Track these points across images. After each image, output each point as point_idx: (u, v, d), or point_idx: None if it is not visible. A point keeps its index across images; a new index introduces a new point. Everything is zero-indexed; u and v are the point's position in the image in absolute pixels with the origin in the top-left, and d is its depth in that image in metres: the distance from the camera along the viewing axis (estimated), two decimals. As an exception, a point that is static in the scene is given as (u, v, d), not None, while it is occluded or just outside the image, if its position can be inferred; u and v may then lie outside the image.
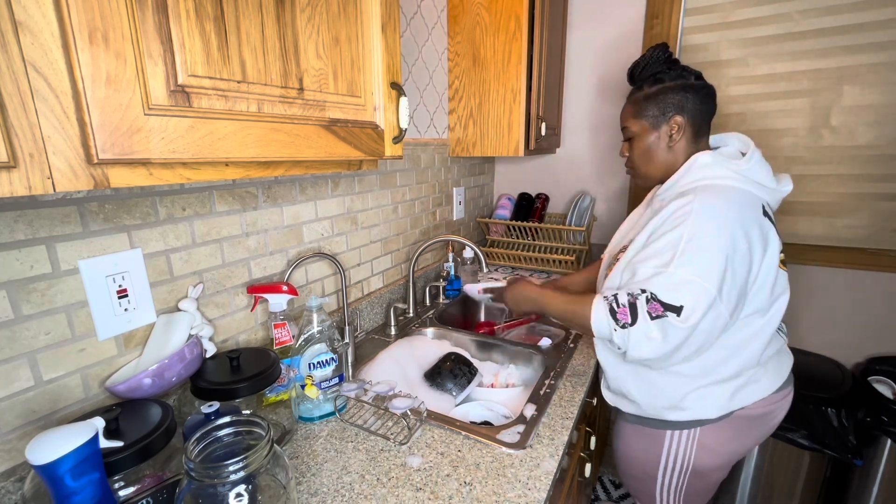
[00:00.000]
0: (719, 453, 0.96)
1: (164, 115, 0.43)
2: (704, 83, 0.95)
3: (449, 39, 1.55)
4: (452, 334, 1.29)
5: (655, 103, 0.94)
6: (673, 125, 0.93)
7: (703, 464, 0.97)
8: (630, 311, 0.83)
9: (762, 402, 0.93)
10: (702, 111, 0.93)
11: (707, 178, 0.89)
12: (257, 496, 0.52)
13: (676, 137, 0.94)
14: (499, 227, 1.93)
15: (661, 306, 0.80)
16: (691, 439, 0.95)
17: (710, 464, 0.97)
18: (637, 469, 1.06)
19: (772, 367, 0.95)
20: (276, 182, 0.95)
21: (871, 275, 1.50)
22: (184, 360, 0.70)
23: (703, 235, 0.80)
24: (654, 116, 0.95)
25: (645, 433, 1.00)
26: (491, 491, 0.68)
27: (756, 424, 0.96)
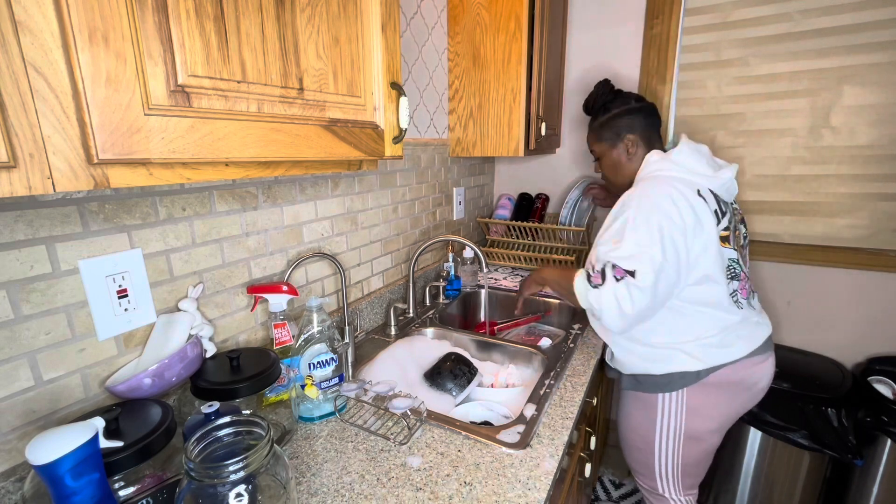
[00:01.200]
0: (709, 416, 1.10)
1: (164, 115, 0.43)
2: (644, 103, 1.18)
3: (449, 39, 1.55)
4: (452, 334, 1.29)
5: (609, 128, 1.19)
6: (627, 142, 1.16)
7: (694, 427, 1.10)
8: (601, 276, 1.01)
9: (736, 365, 1.06)
10: (647, 125, 1.16)
11: (654, 171, 1.08)
12: (257, 496, 0.52)
13: (633, 151, 1.16)
14: (499, 227, 1.93)
15: (623, 271, 0.97)
16: (680, 401, 1.09)
17: (702, 427, 1.11)
18: (637, 439, 1.19)
19: (744, 334, 1.07)
20: (276, 182, 0.95)
21: (871, 275, 1.50)
22: (184, 360, 0.70)
23: (643, 214, 0.98)
24: (611, 139, 1.19)
25: (641, 400, 1.15)
26: (491, 491, 0.68)
27: (738, 389, 1.09)
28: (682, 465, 1.15)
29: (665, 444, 1.14)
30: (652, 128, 1.16)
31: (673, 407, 1.10)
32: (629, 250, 0.97)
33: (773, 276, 1.63)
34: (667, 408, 1.11)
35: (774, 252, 1.60)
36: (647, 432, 1.15)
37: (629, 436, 1.22)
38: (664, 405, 1.11)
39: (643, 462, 1.20)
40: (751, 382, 1.09)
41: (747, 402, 1.13)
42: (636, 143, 1.15)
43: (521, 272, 1.81)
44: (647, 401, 1.13)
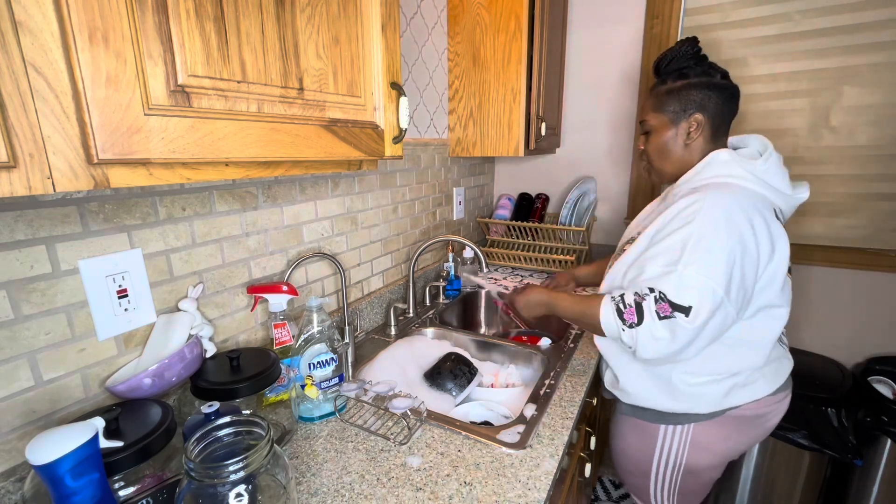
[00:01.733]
0: (713, 452, 0.97)
1: (164, 115, 0.43)
2: (729, 83, 0.93)
3: (449, 39, 1.55)
4: (452, 334, 1.29)
5: (677, 99, 0.94)
6: (692, 122, 0.93)
7: (695, 462, 0.98)
8: (636, 311, 0.83)
9: (755, 404, 0.94)
10: (723, 111, 0.93)
11: (722, 175, 0.88)
12: (257, 496, 0.52)
13: (694, 135, 0.93)
14: (499, 227, 1.93)
15: (670, 306, 0.80)
16: (684, 436, 0.96)
17: (703, 462, 0.98)
18: (632, 465, 1.07)
19: (769, 371, 0.94)
20: (276, 182, 0.95)
21: (871, 275, 1.50)
22: (184, 360, 0.70)
23: (712, 234, 0.80)
24: (675, 112, 0.94)
25: (639, 427, 1.01)
26: (491, 491, 0.68)
27: (750, 426, 0.97)
28: (679, 494, 1.05)
29: (661, 474, 1.02)
30: (726, 116, 0.94)
31: (675, 440, 0.97)
32: (690, 277, 0.79)
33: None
34: (668, 440, 0.97)
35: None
36: (642, 461, 1.03)
37: (623, 460, 1.11)
38: (665, 437, 0.97)
39: (638, 486, 1.10)
40: (765, 419, 0.97)
41: (756, 438, 1.02)
42: (700, 128, 0.92)
43: (521, 272, 1.81)
44: (646, 429, 1.00)
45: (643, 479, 1.06)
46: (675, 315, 0.80)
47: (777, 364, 0.96)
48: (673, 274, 0.80)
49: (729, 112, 0.94)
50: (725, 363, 0.90)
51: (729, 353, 0.89)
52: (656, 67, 1.00)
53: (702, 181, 0.90)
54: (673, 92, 0.94)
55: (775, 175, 0.89)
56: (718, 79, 0.92)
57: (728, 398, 0.92)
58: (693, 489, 1.05)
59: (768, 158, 0.89)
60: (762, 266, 0.84)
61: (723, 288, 0.79)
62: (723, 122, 0.94)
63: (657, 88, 0.98)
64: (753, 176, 0.87)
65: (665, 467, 1.01)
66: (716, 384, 0.91)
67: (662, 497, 1.06)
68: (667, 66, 0.97)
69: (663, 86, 0.96)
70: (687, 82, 0.93)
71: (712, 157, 0.91)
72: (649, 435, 1.00)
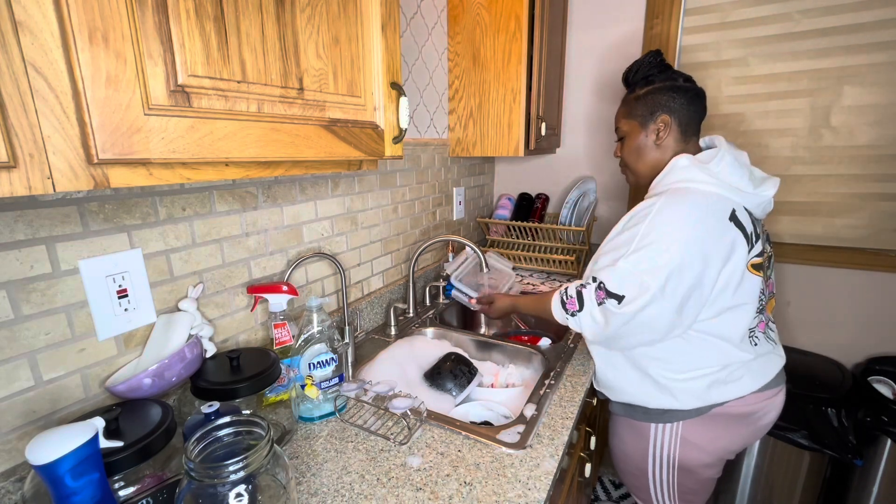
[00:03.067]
0: (705, 450, 0.99)
1: (164, 115, 0.43)
2: (693, 85, 1.00)
3: (449, 39, 1.55)
4: (452, 334, 1.29)
5: (644, 103, 1.00)
6: (660, 123, 0.99)
7: (688, 459, 1.01)
8: (577, 300, 0.94)
9: (741, 401, 0.95)
10: (689, 111, 0.98)
11: (683, 180, 0.92)
12: (257, 496, 0.52)
13: (663, 136, 0.99)
14: (499, 227, 1.93)
15: (605, 294, 0.88)
16: (674, 434, 0.99)
17: (696, 460, 1.01)
18: (630, 465, 1.10)
19: (756, 367, 0.96)
20: (276, 182, 0.95)
21: (871, 275, 1.50)
22: (184, 360, 0.70)
23: (658, 233, 0.85)
24: (643, 115, 1.01)
25: (632, 427, 1.06)
26: (491, 491, 0.68)
27: (739, 424, 0.98)
28: (680, 492, 1.07)
29: (659, 472, 1.05)
30: (693, 116, 0.98)
31: (666, 439, 1.00)
32: (629, 270, 0.86)
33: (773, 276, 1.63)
34: (659, 439, 1.01)
35: (774, 252, 1.60)
36: (639, 460, 1.07)
37: (622, 461, 1.14)
38: (656, 435, 1.01)
39: (640, 487, 1.12)
40: (756, 417, 0.99)
41: (750, 437, 1.03)
42: (668, 128, 0.98)
43: (521, 272, 1.81)
44: (638, 429, 1.04)
45: (642, 479, 1.09)
46: (606, 302, 0.88)
47: (764, 360, 0.97)
48: (614, 267, 0.88)
49: (695, 112, 0.99)
50: (696, 359, 0.94)
51: (695, 349, 0.93)
52: (625, 78, 1.07)
53: (664, 186, 0.95)
54: (640, 98, 1.01)
55: (732, 174, 0.91)
56: (681, 82, 0.99)
57: (710, 394, 0.94)
58: (692, 488, 1.06)
59: (721, 160, 0.91)
60: (715, 268, 0.87)
61: (657, 285, 0.84)
62: (690, 122, 0.99)
63: (627, 97, 1.05)
64: (713, 178, 0.90)
65: (660, 466, 1.04)
66: (694, 381, 0.94)
67: (663, 497, 1.08)
68: (634, 75, 1.05)
69: (632, 94, 1.04)
70: (652, 87, 1.00)
71: (673, 162, 0.95)
72: (642, 434, 1.03)
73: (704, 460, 1.01)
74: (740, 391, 0.94)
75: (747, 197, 0.92)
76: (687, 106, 0.97)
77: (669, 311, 0.86)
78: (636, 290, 0.85)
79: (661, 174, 0.97)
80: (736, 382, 0.94)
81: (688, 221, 0.85)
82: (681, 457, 1.01)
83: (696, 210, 0.86)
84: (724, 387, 0.94)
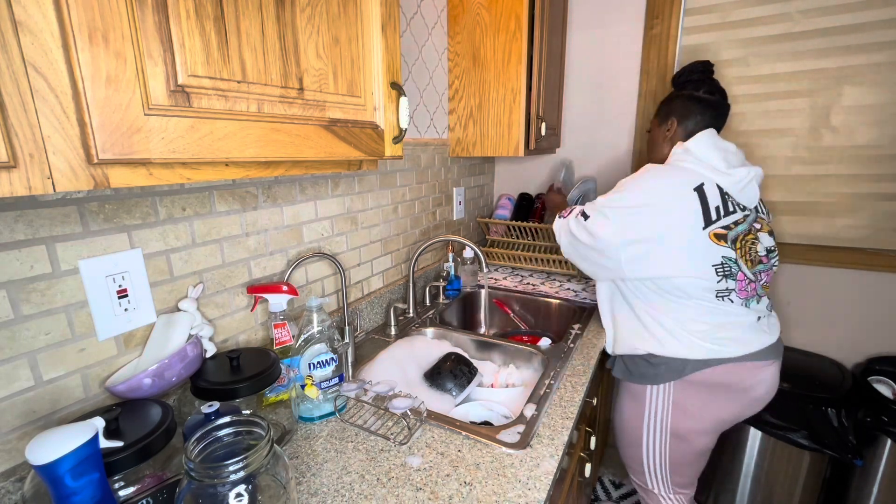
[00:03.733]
0: (696, 416, 1.11)
1: (164, 115, 0.43)
2: (711, 98, 1.15)
3: (449, 39, 1.55)
4: (452, 334, 1.29)
5: (666, 106, 1.21)
6: (669, 125, 1.19)
7: (680, 425, 1.12)
8: (569, 213, 1.19)
9: (726, 366, 1.05)
10: (698, 121, 1.15)
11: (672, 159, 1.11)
12: (257, 496, 0.52)
13: (669, 136, 1.19)
14: (499, 227, 1.93)
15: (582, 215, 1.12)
16: (667, 396, 1.11)
17: (686, 426, 1.12)
18: (628, 433, 1.22)
19: (739, 336, 1.06)
20: (276, 182, 0.95)
21: (871, 275, 1.50)
22: (184, 360, 0.70)
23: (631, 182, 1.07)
24: (662, 116, 1.22)
25: (630, 392, 1.18)
26: (491, 491, 0.68)
27: (728, 392, 1.08)
28: (671, 463, 1.16)
29: (652, 439, 1.16)
30: (700, 124, 1.14)
31: (659, 401, 1.12)
32: (597, 203, 1.10)
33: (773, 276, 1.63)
34: (653, 401, 1.13)
35: (774, 252, 1.60)
36: (635, 426, 1.18)
37: (621, 431, 1.26)
38: (651, 398, 1.13)
39: (633, 457, 1.23)
40: (743, 387, 1.08)
41: (741, 409, 1.12)
42: (675, 133, 1.16)
43: (521, 272, 1.81)
44: (636, 393, 1.16)
45: (637, 449, 1.20)
46: (580, 217, 1.12)
47: (751, 332, 1.07)
48: (595, 201, 1.12)
49: (703, 121, 1.14)
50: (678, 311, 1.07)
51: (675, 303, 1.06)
52: (674, 79, 1.26)
53: None
54: (666, 101, 1.22)
55: (705, 152, 1.07)
56: (700, 93, 1.16)
57: (694, 349, 1.06)
58: (685, 458, 1.16)
59: (698, 139, 1.09)
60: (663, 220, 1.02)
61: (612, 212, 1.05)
62: (696, 128, 1.14)
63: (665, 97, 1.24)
64: (688, 155, 1.08)
65: (655, 430, 1.15)
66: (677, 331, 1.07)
67: (655, 467, 1.19)
68: (676, 79, 1.24)
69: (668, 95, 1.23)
70: (675, 94, 1.21)
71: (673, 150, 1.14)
72: (639, 400, 1.16)
73: (696, 427, 1.12)
74: (723, 354, 1.05)
75: (720, 176, 1.05)
76: (697, 115, 1.14)
77: (617, 235, 1.04)
78: (599, 214, 1.07)
79: None
80: (720, 346, 1.05)
81: (654, 181, 1.05)
82: (673, 422, 1.12)
83: (666, 175, 1.06)
84: (709, 346, 1.05)
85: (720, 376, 1.06)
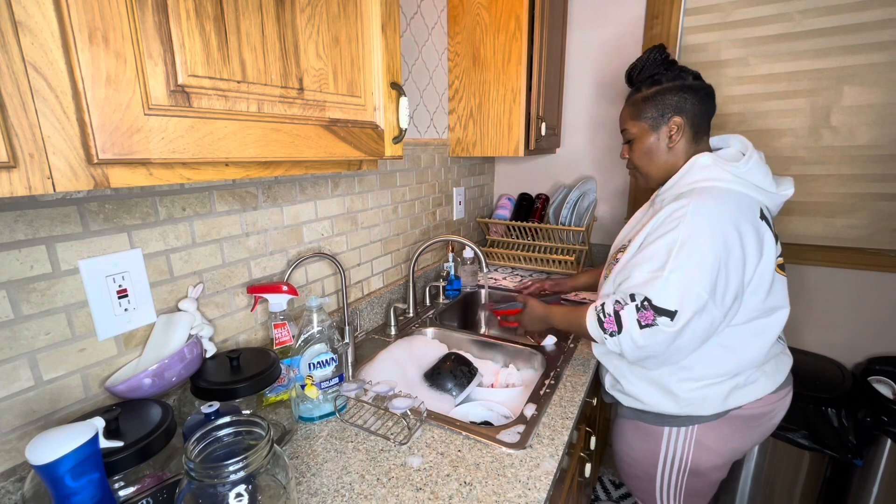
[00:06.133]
0: (718, 452, 0.98)
1: (164, 115, 0.43)
2: (702, 83, 0.96)
3: (449, 39, 1.55)
4: (452, 334, 1.29)
5: (654, 105, 0.96)
6: (672, 126, 0.95)
7: (701, 462, 0.99)
8: (615, 320, 0.87)
9: (758, 402, 0.95)
10: (700, 111, 0.95)
11: (706, 179, 0.90)
12: (257, 496, 0.52)
13: (676, 138, 0.95)
14: (499, 228, 1.93)
15: (654, 312, 0.82)
16: (689, 438, 0.96)
17: (708, 463, 0.99)
18: (637, 468, 1.08)
19: (769, 369, 0.96)
20: (276, 182, 0.95)
21: (871, 275, 1.50)
22: (184, 360, 0.70)
23: (697, 239, 0.81)
24: (654, 118, 0.96)
25: (643, 430, 1.02)
26: (491, 491, 0.68)
27: (753, 424, 0.97)
28: (686, 496, 1.05)
29: (667, 477, 1.03)
30: (704, 115, 0.95)
31: (680, 442, 0.98)
32: (674, 285, 0.81)
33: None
34: (672, 443, 0.98)
35: (774, 252, 1.60)
36: (648, 465, 1.04)
37: (628, 464, 1.10)
38: (670, 439, 0.98)
39: (645, 490, 1.09)
40: (768, 417, 0.98)
41: (760, 436, 1.02)
42: (681, 130, 0.94)
43: (521, 272, 1.81)
44: (650, 433, 1.00)
45: (649, 483, 1.06)
46: (657, 322, 0.82)
47: (776, 361, 0.97)
48: (658, 279, 0.82)
49: (706, 111, 0.96)
50: (723, 366, 0.91)
51: (728, 356, 0.91)
52: (628, 77, 1.02)
53: (686, 186, 0.92)
54: (649, 98, 0.96)
55: (757, 174, 0.89)
56: (691, 80, 0.95)
57: (730, 399, 0.93)
58: (700, 490, 1.05)
59: (750, 158, 0.90)
60: (751, 268, 0.85)
61: (707, 291, 0.80)
62: (702, 122, 0.96)
63: (632, 97, 1.00)
64: (736, 177, 0.88)
65: (671, 470, 1.01)
66: (716, 387, 0.92)
67: (669, 499, 1.06)
68: (638, 74, 1.00)
69: (638, 94, 0.99)
70: (661, 87, 0.95)
71: (693, 161, 0.92)
72: (653, 438, 1.00)
73: (716, 462, 0.99)
74: (756, 394, 0.93)
75: (769, 196, 0.91)
76: (698, 105, 0.94)
77: (719, 316, 0.83)
78: (687, 301, 0.80)
79: (679, 174, 0.94)
80: (753, 385, 0.93)
81: (723, 219, 0.82)
82: (693, 460, 0.98)
83: (730, 206, 0.84)
84: (742, 391, 0.93)
85: (749, 411, 0.95)
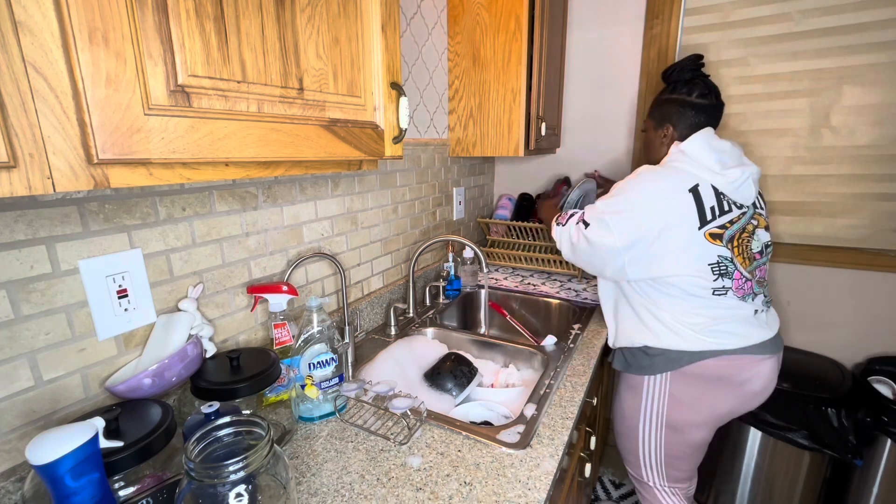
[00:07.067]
0: (691, 408, 1.12)
1: (164, 115, 0.43)
2: (705, 102, 1.13)
3: (449, 39, 1.55)
4: (452, 334, 1.29)
5: (660, 109, 1.20)
6: (665, 131, 1.19)
7: (676, 416, 1.14)
8: (567, 218, 1.19)
9: (722, 359, 1.06)
10: (693, 125, 1.14)
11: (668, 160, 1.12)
12: (257, 496, 0.52)
13: (665, 141, 1.19)
14: (499, 228, 1.93)
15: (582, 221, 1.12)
16: (664, 387, 1.13)
17: (682, 417, 1.13)
18: (625, 424, 1.24)
19: (737, 330, 1.07)
20: (276, 182, 0.95)
21: (871, 275, 1.50)
22: (184, 360, 0.70)
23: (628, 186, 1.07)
24: (657, 119, 1.21)
25: (629, 384, 1.20)
26: (491, 491, 0.68)
27: (723, 385, 1.09)
28: (666, 455, 1.18)
29: (648, 430, 1.18)
30: (695, 127, 1.14)
31: (656, 392, 1.14)
32: (596, 209, 1.10)
33: (773, 276, 1.63)
34: (650, 392, 1.15)
35: (774, 252, 1.60)
36: (632, 417, 1.20)
37: (619, 423, 1.27)
38: (648, 389, 1.15)
39: (630, 448, 1.24)
40: (739, 381, 1.08)
41: (737, 403, 1.12)
42: (671, 138, 1.16)
43: (522, 272, 1.81)
44: (634, 385, 1.18)
45: (633, 441, 1.22)
46: (580, 224, 1.12)
47: (748, 326, 1.08)
48: (594, 205, 1.12)
49: (697, 124, 1.14)
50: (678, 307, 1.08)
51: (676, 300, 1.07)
52: (663, 75, 1.24)
53: None
54: (660, 102, 1.21)
55: (699, 153, 1.07)
56: (693, 97, 1.14)
57: (692, 342, 1.07)
58: (680, 451, 1.18)
59: (692, 140, 1.09)
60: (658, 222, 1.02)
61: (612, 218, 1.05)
62: (692, 131, 1.14)
63: (657, 96, 1.23)
64: (683, 155, 1.08)
65: (651, 421, 1.17)
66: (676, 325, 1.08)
67: (651, 458, 1.20)
68: (668, 75, 1.22)
69: (661, 94, 1.21)
70: (669, 97, 1.18)
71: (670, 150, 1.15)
72: (637, 389, 1.17)
73: (691, 419, 1.13)
74: (719, 346, 1.06)
75: (715, 176, 1.05)
76: (692, 118, 1.14)
77: (617, 242, 1.05)
78: (598, 222, 1.08)
79: None
80: (717, 338, 1.06)
81: (650, 183, 1.05)
82: (669, 413, 1.14)
83: (661, 177, 1.06)
84: (706, 338, 1.06)
85: (716, 369, 1.07)
